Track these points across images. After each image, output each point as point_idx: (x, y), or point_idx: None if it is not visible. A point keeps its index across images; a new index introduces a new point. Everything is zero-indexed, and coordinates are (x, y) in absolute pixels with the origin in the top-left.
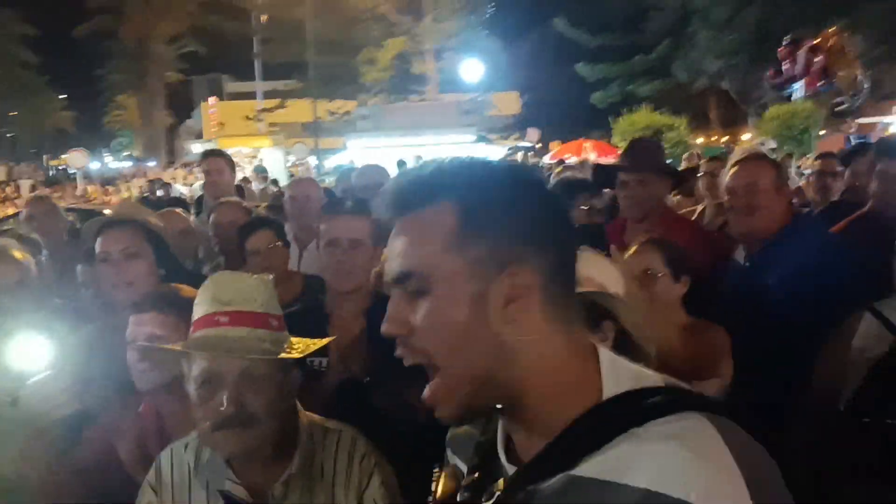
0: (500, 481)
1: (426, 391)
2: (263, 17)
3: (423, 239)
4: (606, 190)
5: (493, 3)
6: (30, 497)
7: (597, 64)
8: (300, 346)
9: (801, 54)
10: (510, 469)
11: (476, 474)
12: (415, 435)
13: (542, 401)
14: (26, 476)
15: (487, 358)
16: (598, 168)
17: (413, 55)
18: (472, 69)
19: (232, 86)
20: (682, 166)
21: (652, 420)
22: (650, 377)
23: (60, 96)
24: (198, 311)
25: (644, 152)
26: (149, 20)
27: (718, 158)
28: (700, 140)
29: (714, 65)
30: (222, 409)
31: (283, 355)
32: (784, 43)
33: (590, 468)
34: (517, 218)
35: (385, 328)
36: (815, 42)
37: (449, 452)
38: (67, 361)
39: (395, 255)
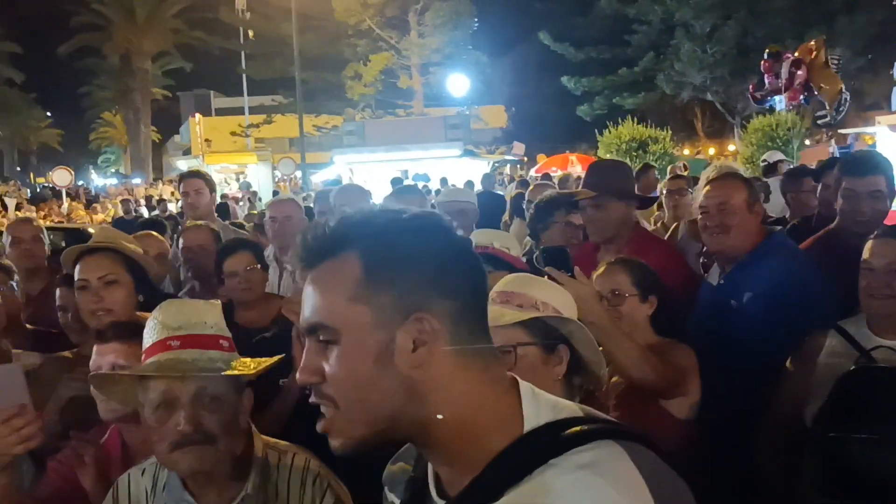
0: None
1: (320, 422)
2: (250, 33)
3: (329, 291)
4: None
5: (477, 19)
6: None
7: (582, 77)
8: (252, 365)
9: (784, 68)
10: None
11: None
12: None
13: (457, 437)
14: None
15: (394, 400)
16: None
17: (399, 70)
18: (457, 83)
19: (219, 101)
20: (667, 177)
21: (569, 450)
22: (567, 407)
23: (46, 114)
24: (148, 339)
25: (603, 176)
26: (133, 37)
27: (682, 177)
28: (686, 151)
29: (698, 77)
30: (179, 428)
31: (235, 372)
32: (765, 56)
33: (510, 501)
34: (420, 267)
35: (299, 377)
36: (796, 55)
37: (386, 490)
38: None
39: (305, 307)
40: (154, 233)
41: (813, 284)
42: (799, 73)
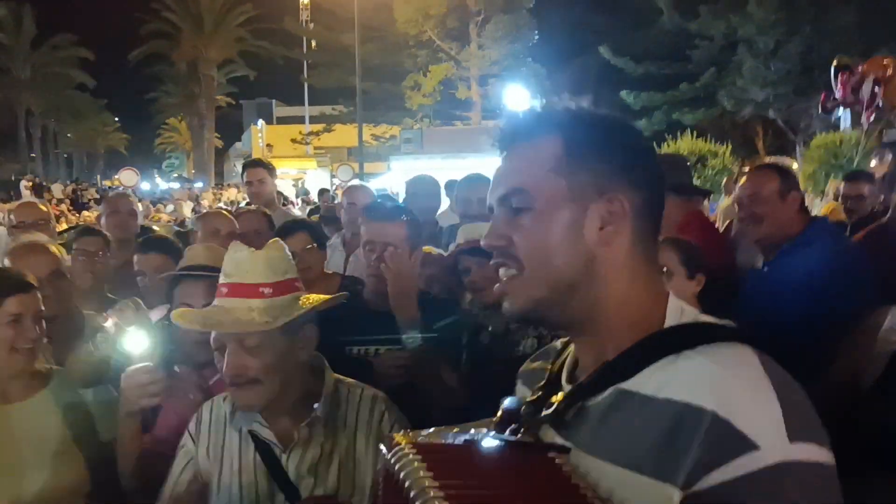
0: (559, 395)
1: (498, 286)
2: (312, 43)
3: (531, 162)
4: None
5: (537, 31)
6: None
7: (641, 92)
8: (316, 301)
9: (867, 85)
10: (568, 389)
11: (540, 393)
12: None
13: (614, 322)
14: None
15: (575, 270)
16: None
17: (458, 81)
18: (516, 95)
19: (280, 110)
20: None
21: (703, 344)
22: (709, 318)
23: (114, 119)
24: (220, 278)
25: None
26: (200, 45)
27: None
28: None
29: (760, 94)
30: (224, 371)
31: (248, 328)
32: (834, 67)
33: (635, 382)
34: (615, 155)
35: (485, 241)
36: (865, 68)
37: (519, 384)
38: (156, 353)
39: (501, 178)
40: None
41: (857, 267)
42: (876, 90)
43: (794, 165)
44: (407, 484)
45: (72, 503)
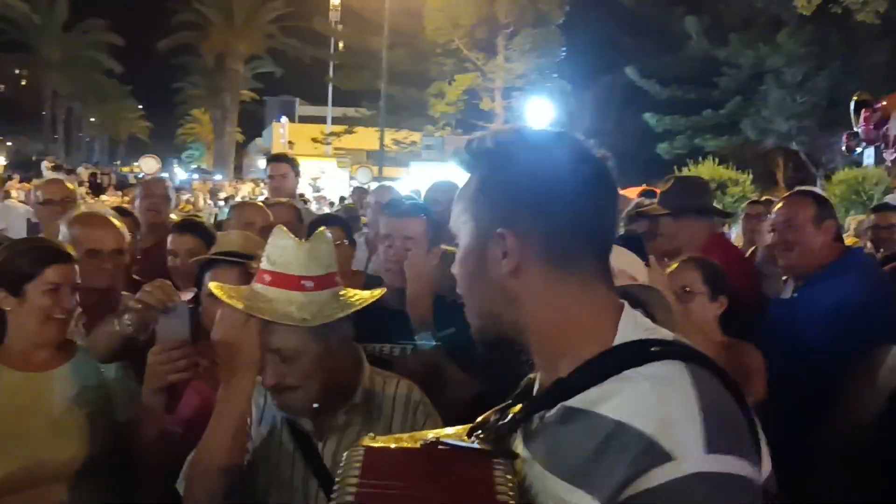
0: (518, 406)
1: None
2: (340, 44)
3: (458, 198)
4: None
5: (565, 48)
6: None
7: (665, 115)
8: (356, 298)
9: (893, 123)
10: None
11: (510, 402)
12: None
13: (549, 343)
14: None
15: (493, 300)
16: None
17: (482, 92)
18: (539, 110)
19: (303, 109)
20: (742, 217)
21: (643, 364)
22: (662, 333)
23: (139, 106)
24: (262, 263)
25: (684, 191)
26: (229, 38)
27: (760, 203)
28: (765, 198)
29: (785, 125)
30: (263, 383)
31: (305, 315)
32: (853, 104)
33: (579, 399)
34: (517, 189)
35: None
36: (884, 104)
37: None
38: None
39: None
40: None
41: (887, 302)
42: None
43: None
44: (336, 482)
45: (66, 478)
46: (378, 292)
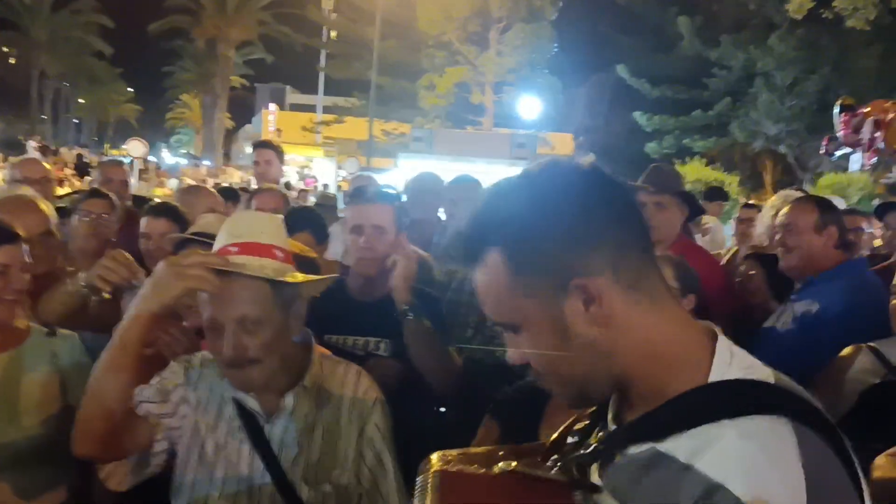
0: (597, 434)
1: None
2: (333, 33)
3: (488, 288)
4: None
5: (557, 45)
6: None
7: (655, 115)
8: (299, 278)
9: (867, 127)
10: (612, 427)
11: (587, 422)
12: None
13: (644, 381)
14: None
15: (584, 364)
16: None
17: (473, 85)
18: (529, 106)
19: (293, 97)
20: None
21: (745, 415)
22: (761, 372)
23: (128, 89)
24: (216, 246)
25: (664, 176)
26: (221, 23)
27: (754, 206)
28: (752, 201)
29: (773, 128)
30: (223, 353)
31: (281, 277)
32: (838, 108)
33: (671, 446)
34: (558, 238)
35: (510, 359)
36: (868, 110)
37: None
38: None
39: (484, 305)
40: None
41: (866, 312)
42: (877, 134)
43: None
44: None
45: (18, 464)
46: (332, 277)
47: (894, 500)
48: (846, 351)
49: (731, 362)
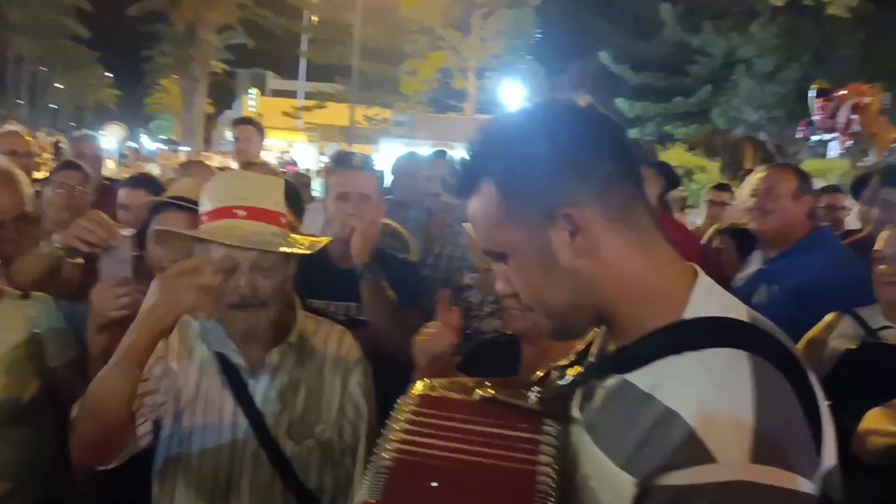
0: (576, 368)
1: (518, 317)
2: (314, 18)
3: (482, 221)
4: None
5: (541, 31)
6: None
7: (636, 101)
8: (305, 242)
9: (843, 112)
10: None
11: (573, 358)
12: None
13: (628, 314)
14: None
15: (569, 293)
16: None
17: (455, 71)
18: (511, 91)
19: (274, 83)
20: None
21: (707, 348)
22: (739, 310)
23: (107, 73)
24: (210, 203)
25: (639, 150)
26: (201, 7)
27: (727, 189)
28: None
29: (754, 115)
30: (239, 290)
31: (295, 250)
32: (814, 92)
33: (637, 376)
34: (548, 169)
35: (498, 290)
36: (844, 92)
37: None
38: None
39: (475, 234)
40: None
41: (852, 281)
42: (853, 117)
43: None
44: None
45: None
46: (326, 239)
47: (876, 449)
48: (828, 317)
49: (709, 301)
